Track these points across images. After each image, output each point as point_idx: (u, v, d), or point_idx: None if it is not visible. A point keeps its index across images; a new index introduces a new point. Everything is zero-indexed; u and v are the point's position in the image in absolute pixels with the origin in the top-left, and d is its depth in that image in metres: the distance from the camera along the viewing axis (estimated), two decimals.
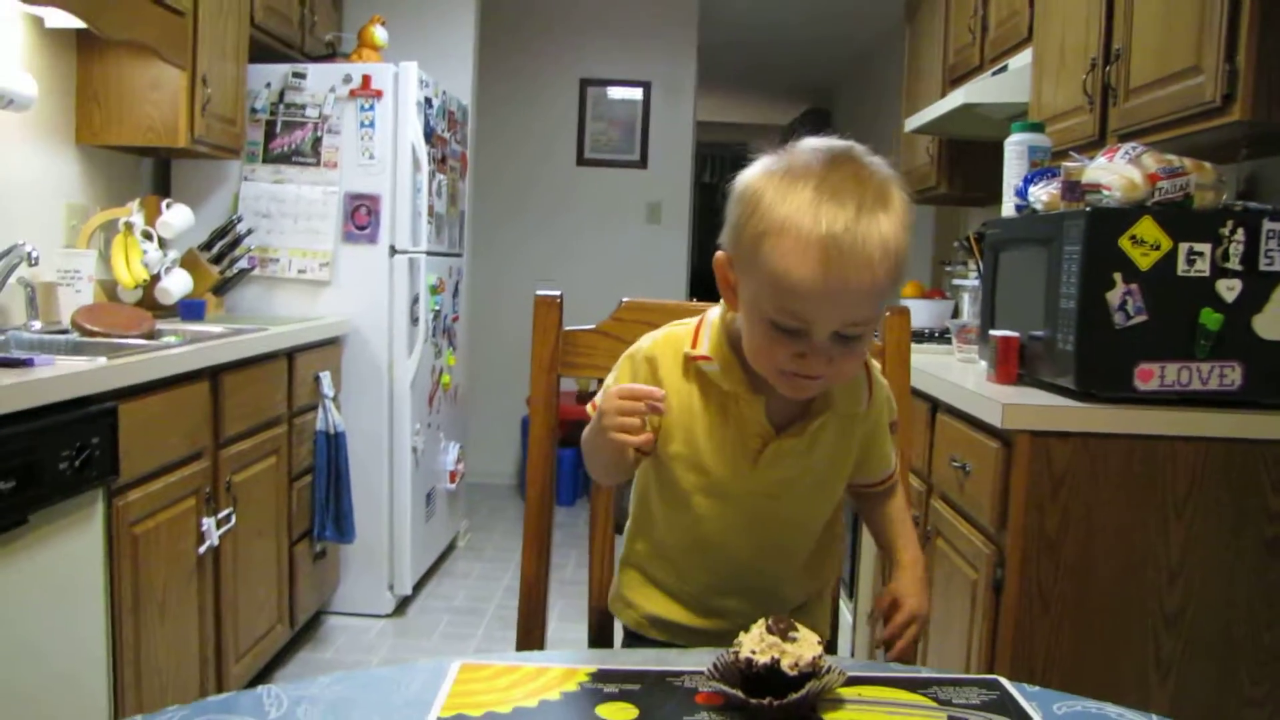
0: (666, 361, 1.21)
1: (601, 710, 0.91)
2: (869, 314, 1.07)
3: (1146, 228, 1.90)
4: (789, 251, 1.03)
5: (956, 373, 2.44)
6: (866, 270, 1.02)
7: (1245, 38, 1.86)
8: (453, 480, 4.29)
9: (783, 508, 1.23)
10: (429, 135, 3.79)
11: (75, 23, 2.67)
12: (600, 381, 1.43)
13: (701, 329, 1.21)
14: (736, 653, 0.94)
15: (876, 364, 1.28)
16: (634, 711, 0.91)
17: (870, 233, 1.02)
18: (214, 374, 2.58)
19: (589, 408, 1.21)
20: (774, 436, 1.18)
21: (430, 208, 3.85)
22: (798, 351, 1.07)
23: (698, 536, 1.24)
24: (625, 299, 1.44)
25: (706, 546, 1.24)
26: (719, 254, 1.14)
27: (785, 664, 0.91)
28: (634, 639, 1.33)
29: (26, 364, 1.92)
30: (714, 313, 1.22)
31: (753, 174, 1.10)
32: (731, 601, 1.26)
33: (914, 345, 1.46)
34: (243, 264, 3.49)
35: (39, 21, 2.83)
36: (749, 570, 1.25)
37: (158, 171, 3.64)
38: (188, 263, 3.31)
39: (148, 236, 3.11)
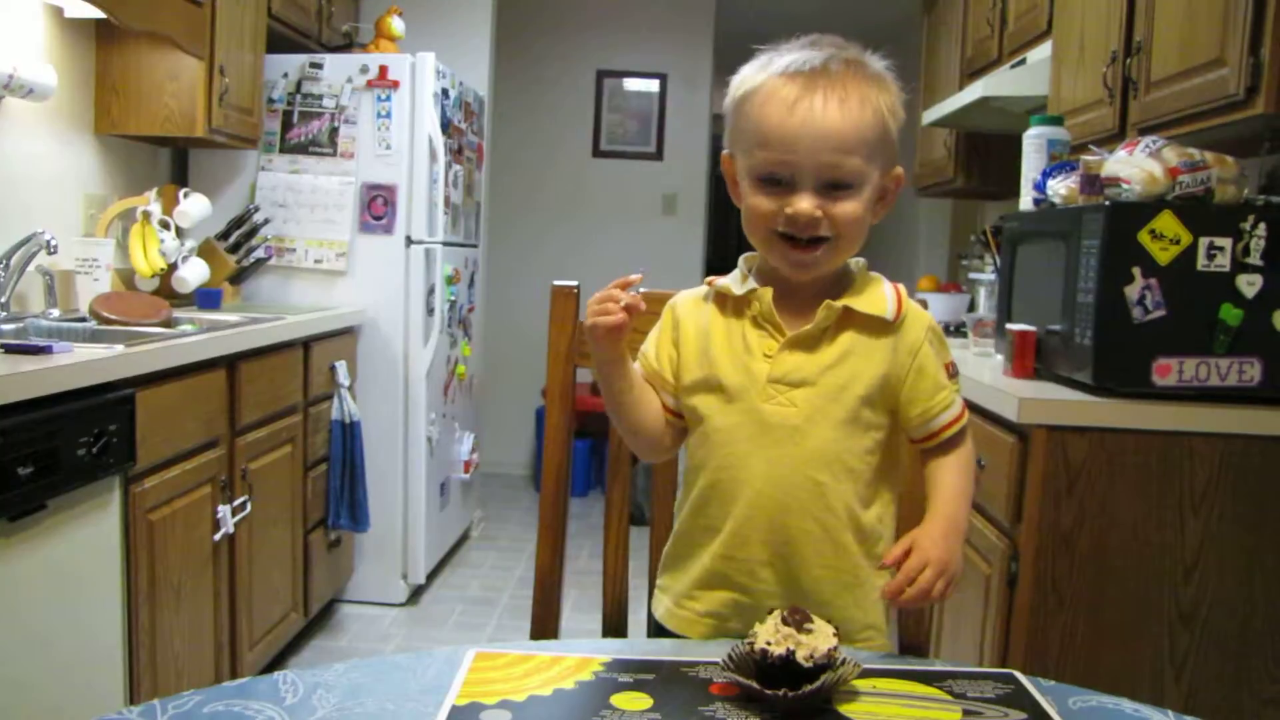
0: (684, 301, 1.26)
1: (616, 699, 0.91)
2: (850, 161, 1.09)
3: (1166, 222, 1.89)
4: (764, 99, 1.10)
5: (973, 366, 2.43)
6: (837, 98, 1.07)
7: (1270, 30, 1.85)
8: (467, 470, 4.30)
9: (810, 436, 1.14)
10: (445, 126, 3.79)
11: (94, 13, 2.68)
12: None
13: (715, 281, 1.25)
14: (751, 644, 0.94)
15: (913, 300, 1.22)
16: (648, 701, 0.91)
17: (845, 72, 1.09)
18: (230, 362, 2.59)
19: None
20: (785, 333, 1.16)
21: (446, 198, 3.85)
22: (787, 206, 1.10)
23: (721, 475, 1.17)
24: (642, 290, 1.44)
25: (731, 484, 1.17)
26: (724, 153, 1.19)
27: (800, 655, 0.91)
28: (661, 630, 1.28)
29: (45, 351, 1.94)
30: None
31: (741, 69, 1.17)
32: (762, 570, 1.17)
33: None
34: (259, 253, 3.50)
35: (59, 11, 2.84)
36: (777, 521, 1.15)
37: (175, 161, 3.66)
38: (205, 252, 3.32)
39: (165, 226, 3.12)
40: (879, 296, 1.18)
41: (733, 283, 1.21)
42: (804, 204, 1.10)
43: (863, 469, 1.17)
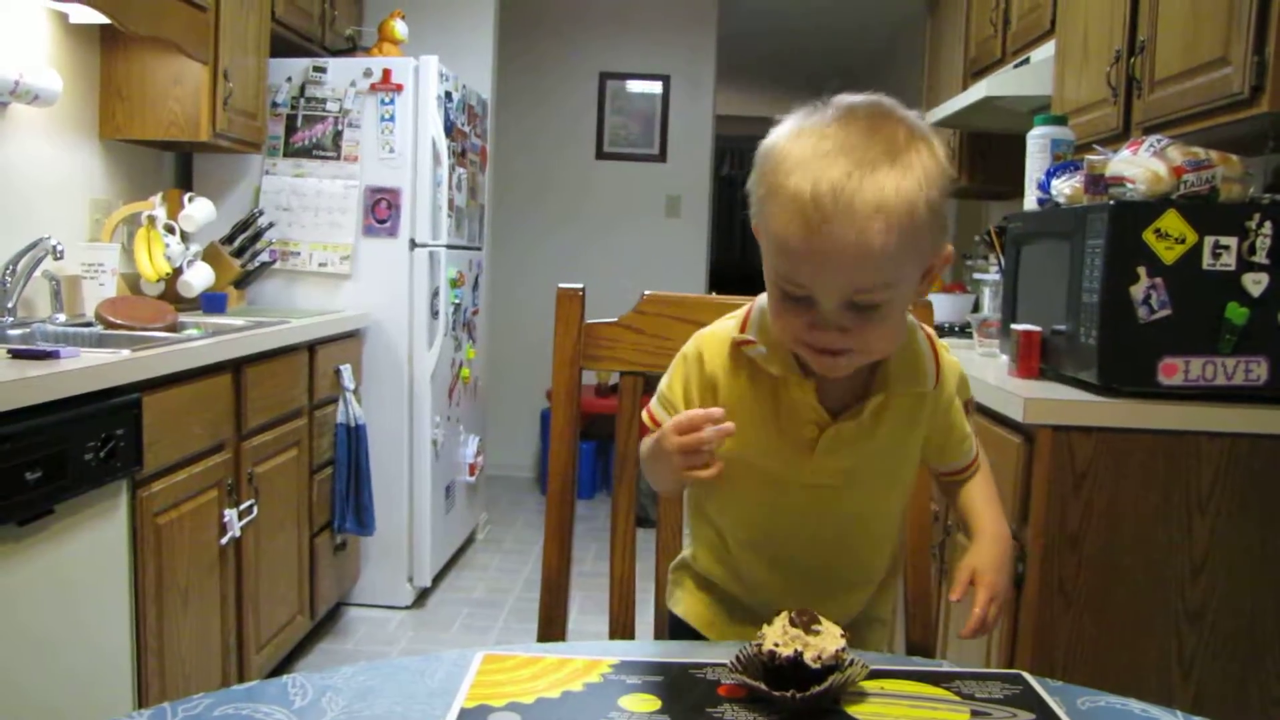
0: (712, 354, 1.16)
1: (624, 701, 0.91)
2: (874, 280, 0.98)
3: (1171, 221, 1.89)
4: (781, 212, 0.98)
5: (978, 367, 2.43)
6: (853, 231, 0.94)
7: (1275, 28, 1.84)
8: (472, 473, 4.30)
9: (847, 500, 1.15)
10: (449, 129, 3.79)
11: (99, 18, 2.68)
12: (621, 375, 1.43)
13: (750, 315, 1.15)
14: (759, 645, 0.94)
15: (944, 343, 1.19)
16: (656, 703, 0.91)
17: (863, 191, 0.94)
18: (236, 366, 2.59)
19: (644, 415, 1.20)
20: (829, 422, 1.10)
21: (450, 201, 3.85)
22: (809, 322, 1.01)
23: (755, 533, 1.18)
24: (647, 292, 1.44)
25: (765, 544, 1.18)
26: (753, 220, 1.09)
27: (808, 657, 0.91)
28: (680, 628, 1.28)
29: (52, 356, 1.94)
30: (763, 298, 1.12)
31: (772, 135, 1.04)
32: (790, 601, 1.15)
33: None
34: (264, 257, 3.50)
35: (63, 17, 2.84)
36: (814, 569, 1.17)
37: (180, 166, 3.66)
38: (209, 256, 3.33)
39: (170, 230, 3.13)
40: (920, 367, 1.14)
41: (763, 356, 1.12)
42: (831, 336, 1.01)
43: (895, 517, 1.22)
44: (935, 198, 0.99)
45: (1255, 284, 1.88)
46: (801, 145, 0.99)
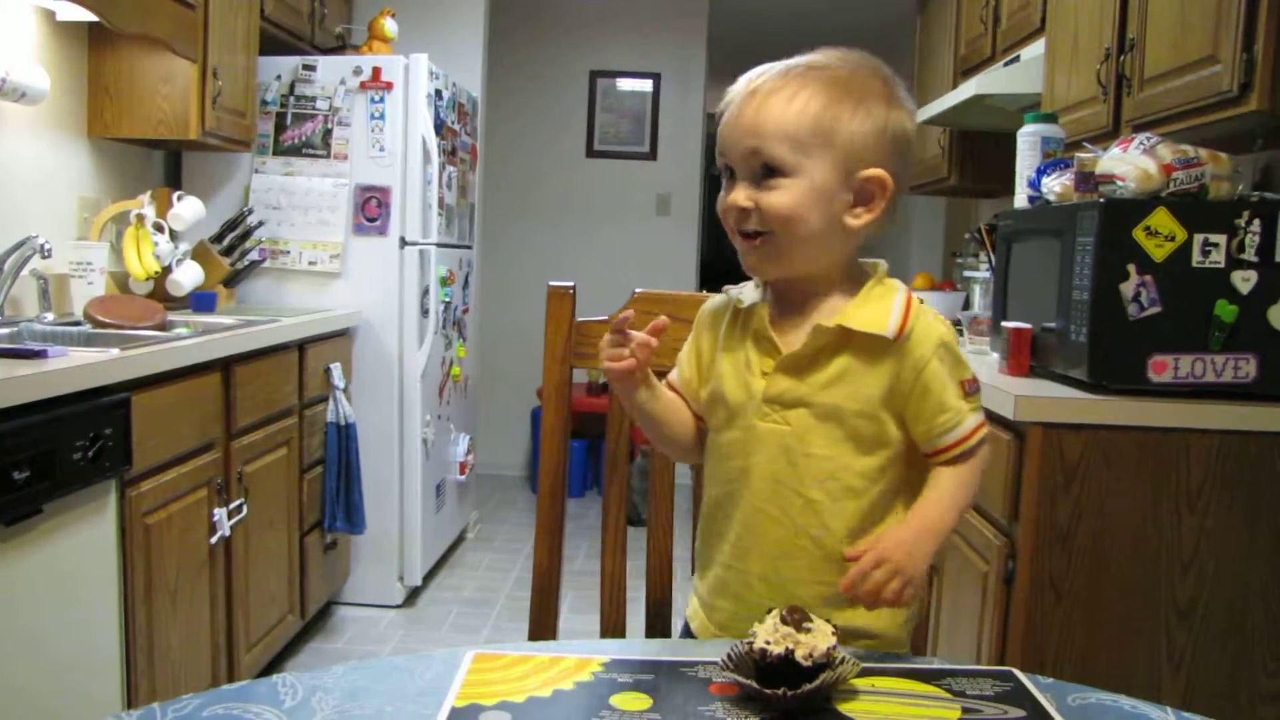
0: (707, 311, 1.27)
1: (615, 700, 0.91)
2: (771, 148, 1.10)
3: (1161, 219, 1.89)
4: (724, 105, 1.15)
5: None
6: (761, 97, 1.11)
7: (1264, 26, 1.85)
8: (463, 471, 4.30)
9: (799, 446, 1.14)
10: (439, 127, 3.79)
11: (87, 16, 2.67)
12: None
13: None
14: (750, 643, 0.94)
15: (929, 310, 1.17)
16: (648, 701, 0.91)
17: (787, 80, 1.11)
18: (225, 365, 2.59)
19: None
20: (780, 352, 1.15)
21: (440, 199, 3.85)
22: (729, 196, 1.14)
23: (727, 488, 1.19)
24: (638, 290, 1.44)
25: (731, 498, 1.18)
26: None
27: (799, 655, 0.90)
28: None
29: (40, 355, 1.93)
30: None
31: None
32: (757, 583, 1.17)
33: None
34: (253, 256, 3.49)
35: (51, 15, 2.83)
36: (771, 537, 1.16)
37: (169, 164, 3.65)
38: (199, 255, 3.32)
39: (159, 229, 3.12)
40: (882, 311, 1.14)
41: (746, 292, 1.21)
42: (735, 194, 1.13)
43: (865, 486, 1.15)
44: (858, 119, 1.11)
45: (1244, 281, 1.89)
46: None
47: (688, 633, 1.27)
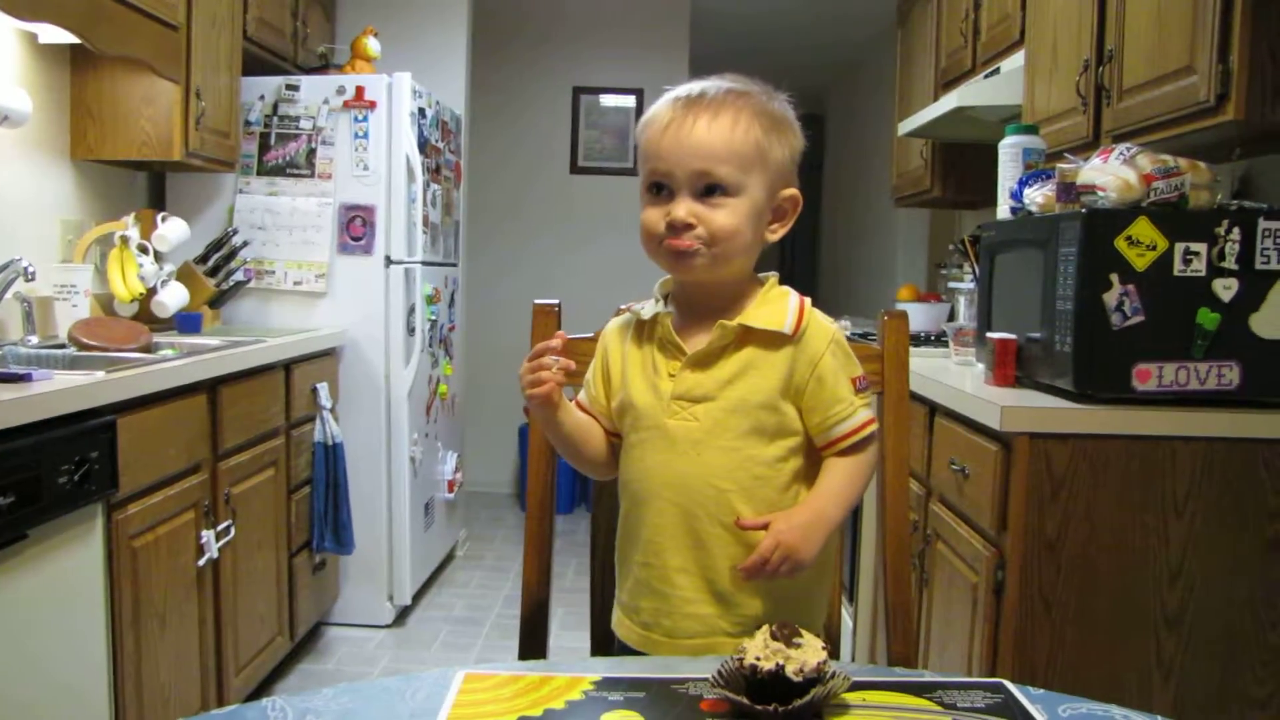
0: (610, 330, 1.34)
1: (606, 718, 0.91)
2: (719, 169, 1.17)
3: (1142, 228, 1.91)
4: (651, 122, 1.22)
5: (954, 376, 2.44)
6: (708, 118, 1.17)
7: (1238, 37, 1.87)
8: (451, 490, 4.29)
9: (707, 439, 1.21)
10: (423, 145, 3.79)
11: (69, 38, 2.66)
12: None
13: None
14: (741, 659, 0.94)
15: (819, 312, 1.28)
16: (639, 719, 0.91)
17: (722, 99, 1.19)
18: (212, 386, 2.58)
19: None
20: (685, 353, 1.24)
21: (425, 218, 3.85)
22: (667, 210, 1.19)
23: (637, 487, 1.26)
24: (622, 305, 1.44)
25: (645, 496, 1.25)
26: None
27: (790, 670, 0.91)
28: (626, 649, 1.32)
29: (24, 379, 1.92)
30: None
31: None
32: (678, 576, 1.23)
33: (911, 349, 1.45)
34: (238, 276, 3.49)
35: (32, 37, 2.83)
36: (687, 529, 1.22)
37: (153, 185, 3.64)
38: (183, 276, 3.31)
39: (143, 250, 3.11)
40: (779, 311, 1.24)
41: (646, 307, 1.29)
42: (679, 209, 1.18)
43: (771, 475, 1.23)
44: (786, 142, 1.22)
45: (1225, 289, 1.90)
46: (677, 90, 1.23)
47: (624, 648, 1.30)
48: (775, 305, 1.25)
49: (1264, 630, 1.91)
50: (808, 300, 1.27)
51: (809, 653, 0.92)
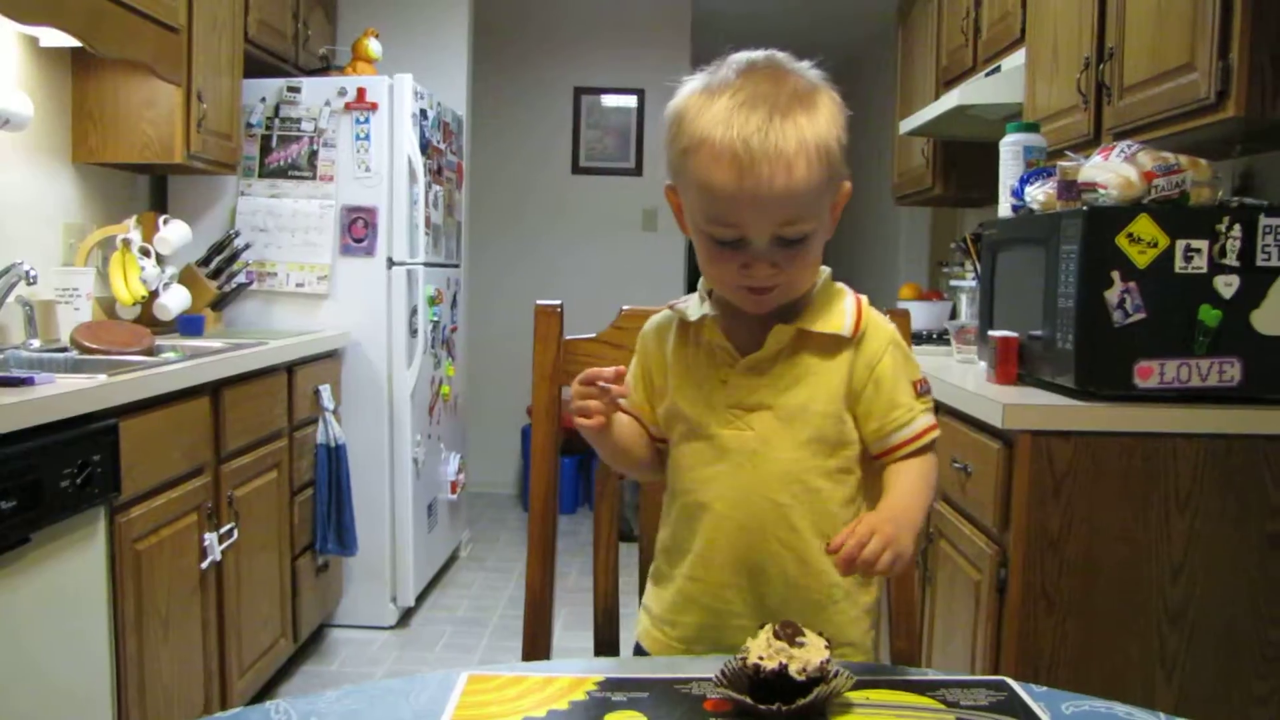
0: (651, 330, 1.27)
1: (610, 719, 0.91)
2: (801, 213, 1.07)
3: (1143, 225, 1.91)
4: (707, 161, 1.06)
5: (956, 374, 2.44)
6: (783, 169, 1.04)
7: (1238, 34, 1.87)
8: (454, 491, 4.29)
9: (764, 450, 1.15)
10: (424, 147, 3.79)
11: (70, 41, 2.67)
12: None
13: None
14: (744, 659, 0.94)
15: (876, 311, 1.21)
16: (643, 719, 0.91)
17: (785, 132, 1.04)
18: (214, 389, 2.58)
19: None
20: (738, 358, 1.16)
21: (427, 219, 3.85)
22: (742, 263, 1.09)
23: (688, 499, 1.19)
24: (625, 307, 1.44)
25: (697, 508, 1.18)
26: (666, 184, 1.17)
27: (793, 669, 0.91)
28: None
29: (27, 382, 1.92)
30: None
31: (678, 95, 1.14)
32: (727, 592, 1.17)
33: (913, 347, 1.45)
34: (241, 279, 3.49)
35: (34, 41, 2.83)
36: (741, 543, 1.15)
37: (154, 188, 3.65)
38: (186, 278, 3.31)
39: (145, 253, 3.11)
40: (837, 313, 1.17)
41: (691, 306, 1.21)
42: (761, 272, 1.09)
43: (830, 487, 1.16)
44: (842, 135, 1.10)
45: (1227, 286, 1.90)
46: (717, 100, 1.07)
47: (640, 652, 1.26)
48: (832, 305, 1.17)
49: (1266, 626, 1.91)
50: (864, 298, 1.20)
51: (812, 652, 0.92)
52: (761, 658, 0.92)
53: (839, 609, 1.17)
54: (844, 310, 1.17)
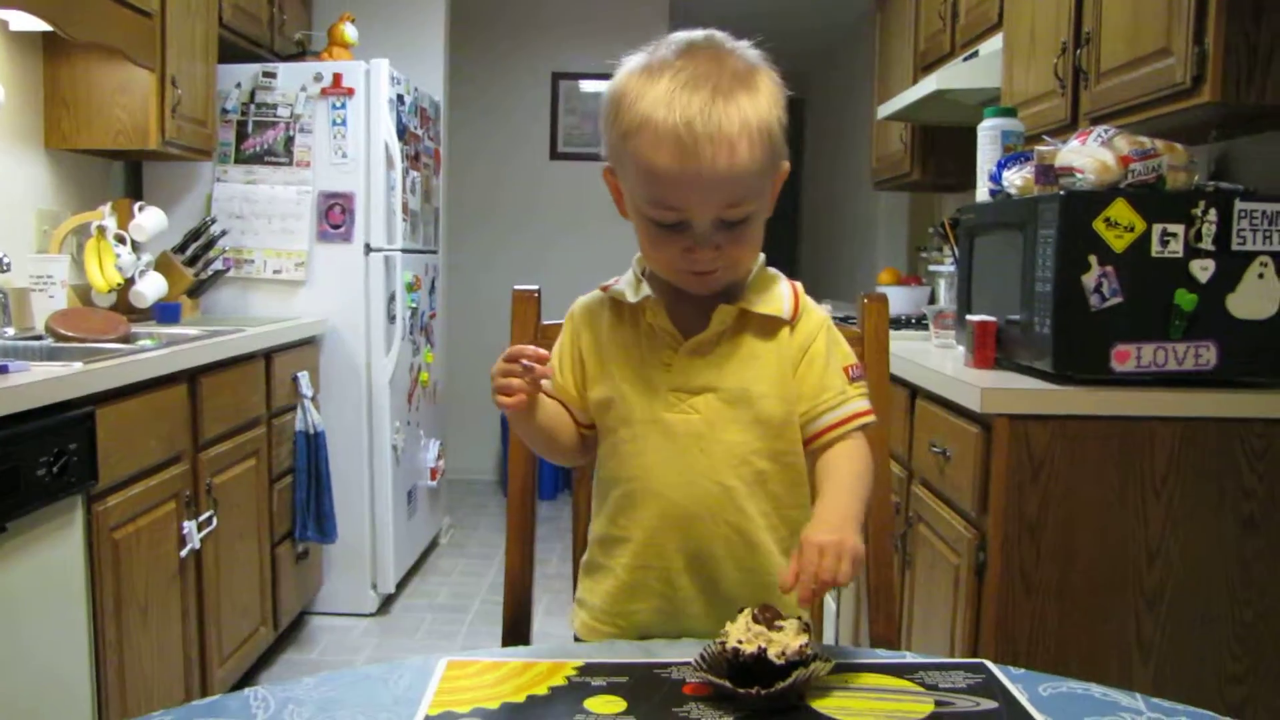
0: (582, 309, 1.25)
1: (589, 704, 0.91)
2: (744, 195, 1.06)
3: (1120, 210, 1.92)
4: (649, 145, 1.04)
5: (934, 358, 2.45)
6: (726, 151, 1.02)
7: (1214, 20, 1.88)
8: (434, 477, 4.28)
9: (710, 433, 1.14)
10: (402, 132, 3.77)
11: (41, 25, 2.64)
12: None
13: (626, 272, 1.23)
14: (723, 643, 0.94)
15: (812, 301, 1.21)
16: (622, 704, 0.91)
17: (728, 114, 1.03)
18: (191, 377, 2.56)
19: None
20: (681, 340, 1.15)
21: (405, 205, 3.83)
22: (684, 246, 1.08)
23: (631, 486, 1.16)
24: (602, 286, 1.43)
25: (642, 495, 1.16)
26: (605, 167, 1.16)
27: (772, 653, 0.91)
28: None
29: (1, 371, 1.91)
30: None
31: (616, 76, 1.12)
32: (679, 578, 1.16)
33: (891, 332, 1.46)
34: (217, 265, 3.47)
35: (4, 25, 2.80)
36: (690, 528, 1.14)
37: (129, 174, 3.61)
38: (162, 265, 3.29)
39: (120, 240, 3.08)
40: (776, 295, 1.18)
41: (627, 287, 1.19)
42: (705, 255, 1.08)
43: (777, 469, 1.16)
44: (782, 116, 1.09)
45: (1202, 270, 1.91)
46: (658, 81, 1.05)
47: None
48: (771, 290, 1.18)
49: (1240, 607, 1.93)
50: (799, 285, 1.21)
51: (790, 636, 0.93)
52: (740, 642, 0.93)
53: (766, 562, 1.17)
54: (781, 294, 1.19)
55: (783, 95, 1.09)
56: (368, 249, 3.61)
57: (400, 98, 3.77)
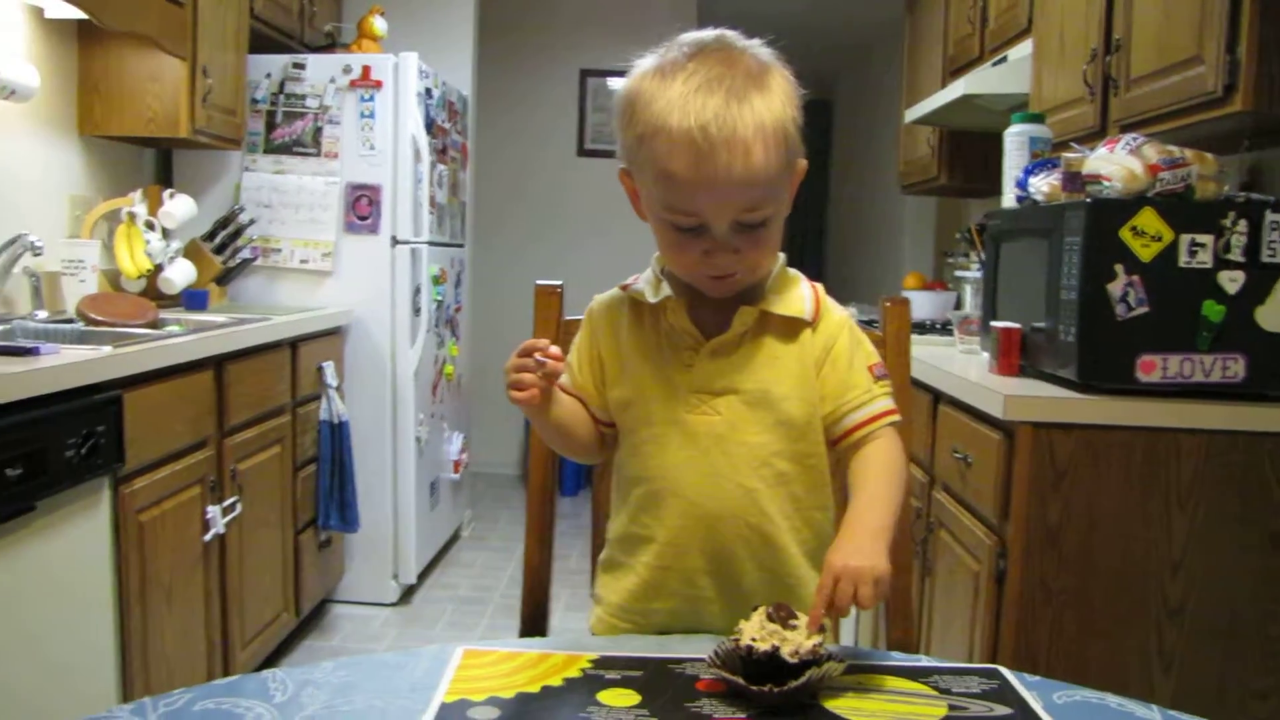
0: (601, 308, 1.24)
1: (603, 696, 0.92)
2: (761, 198, 1.05)
3: (1148, 219, 1.90)
4: (664, 149, 1.04)
5: (958, 364, 2.44)
6: (742, 156, 1.02)
7: (1246, 28, 1.86)
8: (456, 470, 4.30)
9: (731, 434, 1.14)
10: (429, 126, 3.79)
11: (75, 13, 2.67)
12: None
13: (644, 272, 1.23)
14: (737, 640, 0.94)
15: (833, 301, 1.21)
16: (636, 698, 0.92)
17: (742, 116, 1.02)
18: (218, 363, 2.59)
19: None
20: (703, 341, 1.15)
21: (431, 198, 3.85)
22: (704, 249, 1.08)
23: (654, 485, 1.16)
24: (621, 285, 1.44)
25: (664, 495, 1.16)
26: (620, 168, 1.16)
27: (786, 651, 0.91)
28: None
29: (32, 353, 1.93)
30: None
31: (629, 79, 1.12)
32: (700, 578, 1.16)
33: (915, 337, 1.45)
34: (245, 254, 3.49)
35: (39, 12, 2.83)
36: (712, 529, 1.14)
37: (160, 162, 3.65)
38: (190, 253, 3.32)
39: (150, 227, 3.11)
40: (796, 297, 1.18)
41: (646, 287, 1.19)
42: (726, 259, 1.08)
43: (798, 471, 1.16)
44: (797, 115, 1.08)
45: (1231, 282, 1.90)
46: (671, 84, 1.05)
47: None
48: (791, 290, 1.18)
49: (1266, 622, 1.91)
50: (819, 285, 1.21)
51: (804, 635, 0.93)
52: (754, 639, 0.93)
53: (811, 592, 1.14)
54: (801, 295, 1.18)
55: (797, 93, 1.09)
56: (394, 241, 3.63)
57: (428, 91, 3.79)
